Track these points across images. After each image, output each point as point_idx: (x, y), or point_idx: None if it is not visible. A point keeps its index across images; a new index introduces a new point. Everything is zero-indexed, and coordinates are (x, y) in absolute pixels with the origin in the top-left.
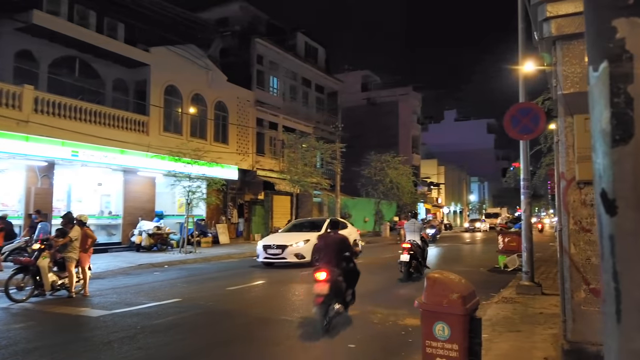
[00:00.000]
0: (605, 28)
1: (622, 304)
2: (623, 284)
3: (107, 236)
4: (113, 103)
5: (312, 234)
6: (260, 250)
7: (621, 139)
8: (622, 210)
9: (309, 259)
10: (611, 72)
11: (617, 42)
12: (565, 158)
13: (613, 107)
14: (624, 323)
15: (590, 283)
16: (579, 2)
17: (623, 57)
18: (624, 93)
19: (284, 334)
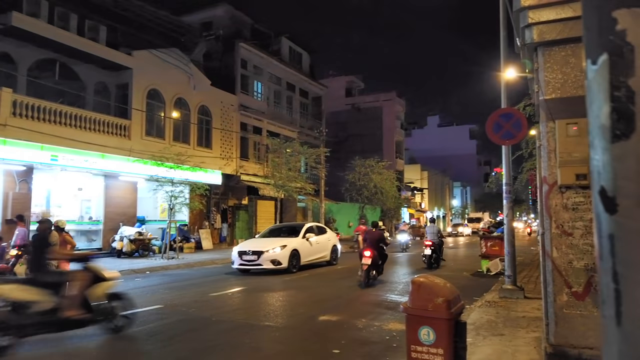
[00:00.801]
0: (605, 19)
1: (623, 305)
2: (624, 285)
3: (87, 242)
4: (94, 107)
5: (289, 240)
6: (235, 256)
7: (622, 134)
8: (623, 208)
9: (286, 265)
10: (611, 65)
11: (618, 34)
12: (547, 163)
13: (614, 101)
14: (626, 325)
15: (572, 286)
16: (560, 9)
17: (624, 49)
18: (625, 86)
19: (268, 340)
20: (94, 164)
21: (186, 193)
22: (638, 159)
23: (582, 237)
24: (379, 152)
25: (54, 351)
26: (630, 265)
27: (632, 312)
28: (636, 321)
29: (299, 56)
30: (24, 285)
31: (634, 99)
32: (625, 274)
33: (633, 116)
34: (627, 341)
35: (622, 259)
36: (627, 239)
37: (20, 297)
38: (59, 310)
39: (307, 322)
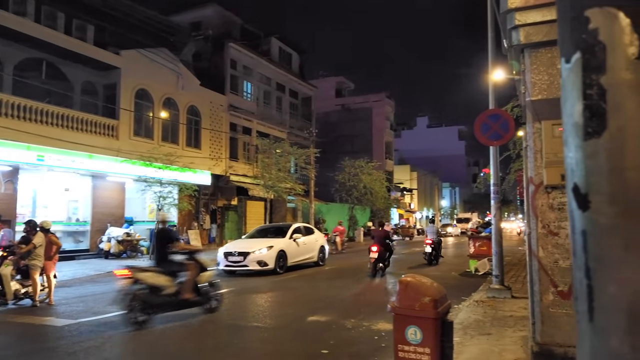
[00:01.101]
0: (578, 18)
1: (595, 301)
2: (596, 280)
3: (74, 243)
4: (81, 106)
5: (276, 240)
6: (221, 257)
7: (594, 131)
8: (596, 204)
9: (272, 266)
10: (584, 64)
11: (590, 33)
12: (534, 163)
13: (586, 99)
14: (597, 320)
15: (558, 286)
16: (546, 11)
17: (596, 47)
18: (597, 84)
19: (256, 341)
20: (81, 164)
21: (175, 194)
22: (609, 157)
23: (567, 237)
24: (369, 152)
25: (42, 357)
26: (602, 261)
27: (603, 307)
28: (607, 316)
29: (288, 56)
30: (156, 273)
31: (605, 97)
32: (597, 270)
33: (605, 114)
34: (599, 336)
35: (595, 255)
36: (599, 235)
37: (155, 282)
38: (179, 294)
39: (295, 323)
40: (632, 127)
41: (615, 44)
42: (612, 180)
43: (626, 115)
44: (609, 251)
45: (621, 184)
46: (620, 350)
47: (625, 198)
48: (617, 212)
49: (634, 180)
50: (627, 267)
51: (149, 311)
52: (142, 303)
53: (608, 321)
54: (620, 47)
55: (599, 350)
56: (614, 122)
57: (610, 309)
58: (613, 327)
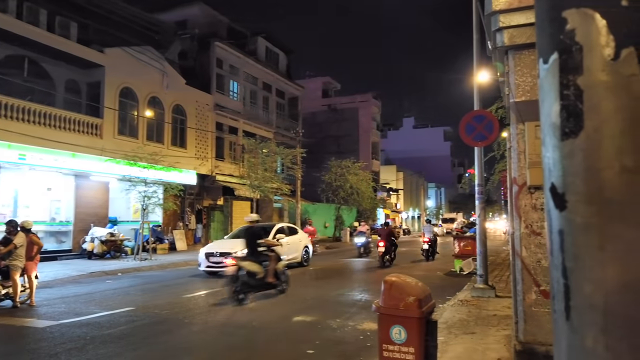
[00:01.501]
0: (556, 19)
1: (572, 300)
2: (572, 280)
3: (56, 243)
4: (64, 105)
5: None
6: (202, 258)
7: (571, 131)
8: (572, 204)
9: None
10: (561, 64)
11: (567, 34)
12: (517, 164)
13: (563, 99)
14: (574, 320)
15: (541, 285)
16: (529, 13)
17: (573, 48)
18: (573, 85)
19: (241, 341)
20: (64, 164)
21: (160, 193)
22: (586, 157)
23: None
24: (355, 153)
25: (22, 359)
26: (578, 261)
27: (579, 306)
28: (583, 315)
29: (275, 56)
30: (251, 262)
31: (582, 97)
32: (574, 269)
33: (581, 115)
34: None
35: (571, 254)
36: (575, 234)
37: (252, 269)
38: (265, 278)
39: (281, 323)
40: (607, 127)
41: (591, 45)
42: (588, 180)
43: (602, 116)
44: (585, 251)
45: (597, 184)
46: (595, 349)
47: (601, 198)
48: (593, 211)
49: (609, 180)
50: (602, 266)
51: (247, 291)
52: (243, 284)
53: (584, 320)
54: (596, 49)
55: (575, 349)
56: (590, 122)
57: (586, 308)
58: (589, 326)
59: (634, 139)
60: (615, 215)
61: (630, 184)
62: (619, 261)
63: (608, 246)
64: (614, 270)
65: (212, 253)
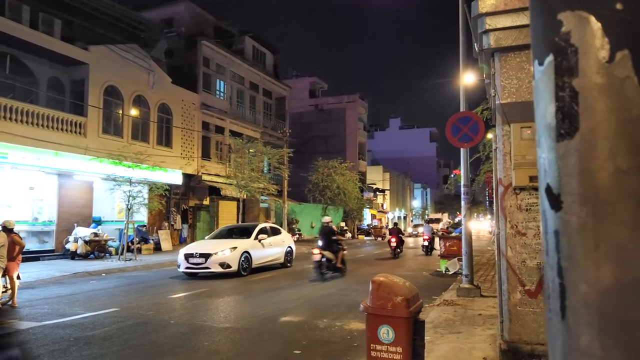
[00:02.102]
0: (551, 21)
1: (567, 299)
2: (568, 279)
3: (38, 243)
4: (47, 103)
5: (240, 241)
6: (182, 259)
7: (566, 133)
8: (567, 205)
9: (236, 268)
10: (556, 66)
11: (563, 36)
12: (503, 165)
13: (558, 101)
14: (569, 319)
15: (526, 285)
16: (515, 16)
17: (568, 50)
18: (569, 87)
19: (227, 342)
20: (46, 162)
21: (145, 193)
22: (581, 158)
23: (534, 237)
24: (342, 153)
25: None
26: (573, 261)
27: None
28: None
29: (262, 56)
30: (330, 251)
31: (577, 99)
32: (569, 269)
33: (577, 116)
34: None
35: (567, 254)
36: (570, 235)
37: (329, 257)
38: (336, 263)
39: (267, 324)
40: (602, 129)
41: (587, 47)
42: (583, 181)
43: (597, 117)
44: (580, 251)
45: (592, 185)
46: (590, 348)
47: (595, 199)
48: (588, 212)
49: (604, 181)
50: (597, 266)
51: (328, 272)
52: (325, 267)
53: (579, 320)
54: (591, 51)
55: (570, 349)
56: (585, 124)
57: (581, 308)
58: (584, 326)
59: (628, 140)
60: (609, 215)
61: (624, 185)
62: (613, 261)
63: (602, 246)
64: (609, 270)
65: (192, 254)
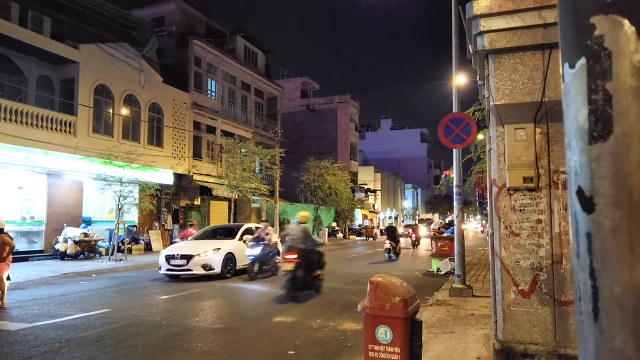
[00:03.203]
0: (584, 25)
1: (600, 301)
2: (601, 281)
3: (28, 244)
4: (37, 101)
5: (224, 242)
6: (163, 261)
7: (600, 135)
8: (601, 207)
9: (219, 270)
10: (589, 69)
11: (596, 40)
12: (497, 166)
13: (591, 104)
14: (602, 321)
15: (519, 285)
16: (509, 18)
17: (601, 54)
18: (602, 90)
19: (220, 343)
20: (35, 162)
21: (135, 193)
22: (615, 160)
23: (528, 238)
24: (334, 153)
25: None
26: (606, 263)
27: (608, 307)
28: (613, 317)
29: (254, 55)
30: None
31: (611, 102)
32: (602, 271)
33: (610, 119)
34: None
35: (600, 256)
36: (603, 237)
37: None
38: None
39: (260, 324)
40: (636, 132)
41: (620, 51)
42: (616, 184)
43: (631, 120)
44: (614, 253)
45: (626, 187)
46: (624, 350)
47: (630, 201)
48: (622, 214)
49: (639, 184)
50: (632, 268)
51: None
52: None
53: (613, 321)
54: (625, 54)
55: (603, 350)
56: (619, 127)
57: (615, 310)
58: (618, 327)
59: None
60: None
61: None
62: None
63: (637, 248)
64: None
65: (173, 255)
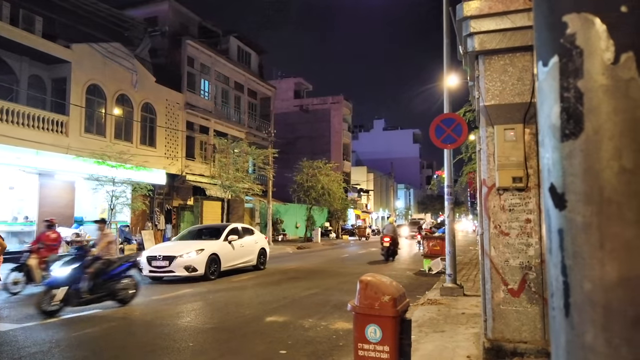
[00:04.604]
0: (556, 23)
1: (572, 297)
2: (572, 277)
3: (19, 244)
4: (28, 101)
5: (208, 243)
6: (144, 262)
7: (571, 133)
8: (572, 203)
9: (202, 271)
10: (561, 67)
11: (568, 38)
12: (487, 166)
13: (563, 101)
14: (573, 316)
15: (508, 284)
16: (499, 20)
17: (573, 52)
18: (574, 88)
19: (212, 342)
20: (27, 161)
21: (128, 193)
22: (586, 157)
23: (517, 237)
24: (327, 153)
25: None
26: (578, 259)
27: (579, 303)
28: (583, 312)
29: (247, 56)
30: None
31: (582, 100)
32: (574, 267)
33: (582, 116)
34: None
35: (571, 252)
36: (575, 233)
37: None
38: None
39: (252, 324)
40: (607, 129)
41: (592, 49)
42: (587, 180)
43: (602, 118)
44: (585, 249)
45: (597, 184)
46: (594, 345)
47: (600, 198)
48: (593, 211)
49: (609, 180)
50: (602, 264)
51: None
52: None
53: (584, 317)
54: (597, 52)
55: (574, 345)
56: (590, 124)
57: (586, 305)
58: (589, 323)
59: (633, 140)
60: (614, 214)
61: (629, 184)
62: (618, 259)
63: (607, 244)
64: (614, 267)
65: (155, 256)
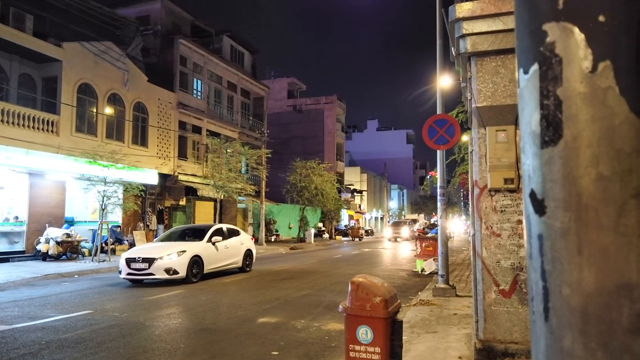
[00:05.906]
0: (536, 31)
1: (551, 302)
2: (551, 282)
3: (8, 244)
4: (18, 100)
5: (190, 244)
6: (123, 264)
7: (550, 140)
8: (551, 210)
9: (184, 274)
10: (541, 75)
11: (547, 46)
12: (479, 167)
13: (543, 109)
14: (552, 321)
15: (500, 285)
16: (491, 22)
17: (553, 60)
18: (553, 95)
19: (204, 344)
20: (17, 161)
21: (120, 193)
22: (564, 164)
23: (509, 238)
24: (320, 154)
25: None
26: (556, 264)
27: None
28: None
29: (240, 55)
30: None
31: (561, 107)
32: (553, 272)
33: (561, 124)
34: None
35: (550, 257)
36: (554, 239)
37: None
38: None
39: (244, 325)
40: (585, 136)
41: (570, 57)
42: (566, 187)
43: (580, 125)
44: (563, 254)
45: (575, 190)
46: (572, 350)
47: (579, 204)
48: (571, 217)
49: (587, 187)
50: (580, 270)
51: None
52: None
53: (562, 322)
54: (575, 61)
55: (553, 350)
56: (569, 131)
57: (565, 310)
58: (567, 328)
59: (610, 148)
60: (591, 220)
61: (606, 191)
62: (596, 265)
63: (585, 250)
64: (592, 273)
65: (135, 258)
